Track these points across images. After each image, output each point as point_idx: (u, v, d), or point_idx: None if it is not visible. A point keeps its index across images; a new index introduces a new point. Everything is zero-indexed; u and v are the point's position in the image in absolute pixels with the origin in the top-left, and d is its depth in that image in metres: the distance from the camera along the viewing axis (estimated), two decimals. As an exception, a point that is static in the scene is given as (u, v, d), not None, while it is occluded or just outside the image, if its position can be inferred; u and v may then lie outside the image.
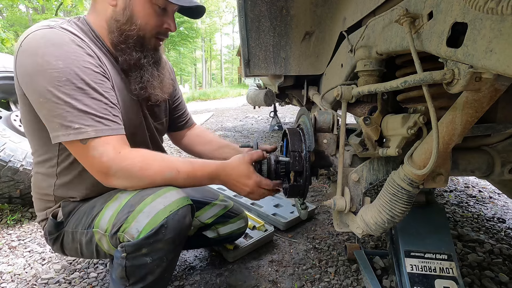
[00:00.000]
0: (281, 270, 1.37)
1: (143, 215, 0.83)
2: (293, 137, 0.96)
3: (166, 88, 1.10)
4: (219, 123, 6.07)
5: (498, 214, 1.95)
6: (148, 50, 1.00)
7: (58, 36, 0.81)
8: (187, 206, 0.89)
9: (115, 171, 0.84)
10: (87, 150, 0.82)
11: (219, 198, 1.36)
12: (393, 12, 0.62)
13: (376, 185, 2.31)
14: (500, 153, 0.85)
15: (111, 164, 0.83)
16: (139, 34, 0.95)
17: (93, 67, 0.84)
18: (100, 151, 0.82)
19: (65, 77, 0.78)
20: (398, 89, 0.59)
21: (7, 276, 1.37)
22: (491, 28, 0.38)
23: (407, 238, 0.99)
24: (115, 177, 0.85)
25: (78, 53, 0.82)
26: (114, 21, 0.93)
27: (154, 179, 0.88)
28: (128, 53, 0.96)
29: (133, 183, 0.88)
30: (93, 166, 0.84)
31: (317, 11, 1.23)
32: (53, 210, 0.99)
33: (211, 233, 1.33)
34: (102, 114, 0.83)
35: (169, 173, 0.89)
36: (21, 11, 18.71)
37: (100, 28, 0.95)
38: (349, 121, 1.76)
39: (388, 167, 0.85)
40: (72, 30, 0.86)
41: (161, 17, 0.97)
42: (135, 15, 0.93)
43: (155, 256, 0.84)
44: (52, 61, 0.77)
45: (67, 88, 0.78)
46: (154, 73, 1.03)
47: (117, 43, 0.94)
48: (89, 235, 0.92)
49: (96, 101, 0.82)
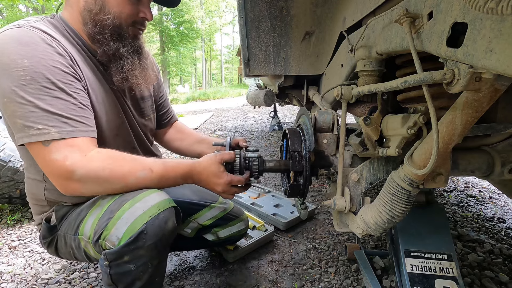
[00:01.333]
0: (281, 270, 1.37)
1: (122, 221, 0.79)
2: (293, 137, 0.96)
3: (149, 79, 1.06)
4: (219, 123, 6.07)
5: (498, 214, 1.95)
6: (127, 39, 0.96)
7: (26, 35, 0.78)
8: (169, 209, 0.85)
9: (80, 175, 0.77)
10: (49, 152, 0.76)
11: (219, 200, 1.35)
12: (393, 12, 0.62)
13: (376, 185, 2.31)
14: (500, 153, 0.85)
15: (76, 168, 0.76)
16: (115, 23, 0.92)
17: (63, 67, 0.81)
18: (63, 153, 0.76)
19: (30, 76, 0.75)
20: (398, 89, 0.59)
21: (7, 276, 1.37)
22: (491, 28, 0.38)
23: (407, 238, 0.99)
24: (81, 183, 0.78)
25: (47, 51, 0.79)
26: (87, 12, 0.90)
27: (127, 180, 0.83)
28: (106, 44, 0.92)
29: (103, 187, 0.82)
30: (53, 170, 0.77)
31: (317, 11, 1.23)
32: (47, 214, 0.98)
33: (210, 236, 1.33)
34: (69, 115, 0.79)
35: (141, 172, 0.84)
36: (21, 11, 18.71)
37: (75, 22, 0.92)
38: (349, 121, 1.76)
39: (388, 167, 0.85)
40: (43, 28, 0.83)
41: (136, 5, 0.94)
42: (108, 4, 0.90)
43: (138, 263, 0.80)
44: (17, 60, 0.74)
45: (31, 87, 0.74)
46: (135, 62, 0.99)
47: (93, 34, 0.91)
48: (77, 241, 0.91)
49: (62, 101, 0.78)
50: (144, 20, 1.00)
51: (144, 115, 1.15)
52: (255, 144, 4.04)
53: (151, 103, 1.19)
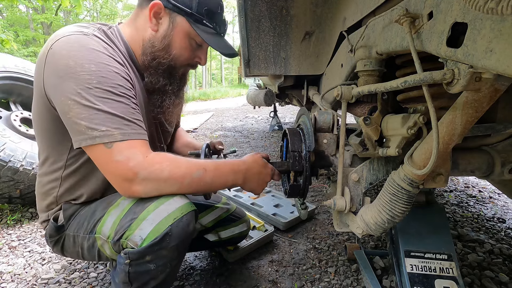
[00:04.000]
0: (281, 270, 1.37)
1: (147, 222, 0.81)
2: (293, 137, 0.96)
3: (180, 112, 1.13)
4: (219, 123, 6.07)
5: (498, 214, 1.95)
6: (175, 78, 1.03)
7: (91, 42, 0.82)
8: (191, 212, 0.87)
9: (143, 177, 0.79)
10: (112, 154, 0.77)
11: (222, 201, 1.35)
12: (393, 12, 0.62)
13: (376, 185, 2.31)
14: (500, 153, 0.85)
15: (139, 170, 0.78)
16: (171, 63, 0.98)
17: (124, 74, 0.85)
18: (126, 155, 0.78)
19: (97, 80, 0.77)
20: (398, 89, 0.59)
21: (7, 276, 1.37)
22: (491, 28, 0.38)
23: (407, 238, 0.98)
24: (142, 184, 0.80)
25: (110, 59, 0.83)
26: (150, 45, 0.95)
27: (182, 181, 0.85)
28: (156, 77, 0.98)
29: (161, 188, 0.84)
30: (116, 171, 0.79)
31: (317, 11, 1.23)
32: (55, 212, 0.98)
33: (212, 237, 1.33)
34: (130, 118, 0.81)
35: (197, 172, 0.86)
36: (21, 11, 18.70)
37: (134, 43, 0.97)
38: (349, 121, 1.76)
39: (388, 167, 0.85)
40: (103, 38, 0.87)
41: (195, 51, 1.01)
42: (172, 46, 0.96)
43: (159, 263, 0.83)
44: (85, 64, 0.77)
45: (97, 91, 0.77)
46: (175, 101, 1.06)
47: (147, 65, 0.97)
48: (91, 240, 0.91)
49: (124, 105, 0.81)
50: (198, 64, 1.06)
51: (172, 125, 1.20)
52: (255, 144, 4.04)
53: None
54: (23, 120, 2.07)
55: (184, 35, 0.96)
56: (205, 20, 0.95)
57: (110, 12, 23.94)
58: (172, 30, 0.95)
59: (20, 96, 2.20)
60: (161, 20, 0.94)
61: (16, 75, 2.09)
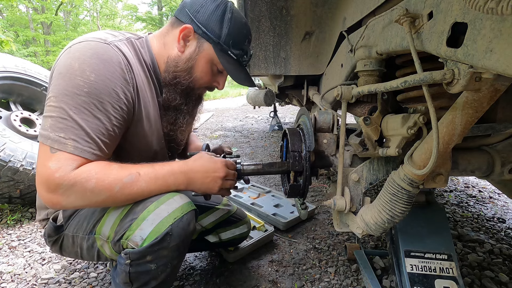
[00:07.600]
0: (281, 270, 1.37)
1: (147, 222, 0.81)
2: (293, 137, 0.96)
3: (191, 129, 1.13)
4: (219, 123, 6.06)
5: (498, 214, 1.95)
6: (191, 99, 1.04)
7: (106, 53, 0.81)
8: (192, 211, 0.88)
9: (66, 188, 0.74)
10: (49, 159, 0.74)
11: (223, 202, 1.35)
12: (393, 12, 0.62)
13: (376, 185, 2.31)
14: (500, 153, 0.85)
15: (62, 181, 0.73)
16: (190, 85, 1.00)
17: (120, 93, 0.82)
18: (59, 165, 0.74)
19: (88, 89, 0.77)
20: (398, 89, 0.59)
21: (7, 276, 1.37)
22: (491, 28, 0.38)
23: (407, 238, 0.98)
24: (64, 195, 0.75)
25: (115, 74, 0.81)
26: (174, 64, 0.96)
27: (111, 188, 0.79)
28: (173, 95, 0.99)
29: (86, 199, 0.78)
30: (42, 177, 0.75)
31: (317, 11, 1.23)
32: (54, 212, 0.98)
33: (212, 238, 1.33)
34: (95, 136, 0.78)
35: (128, 176, 0.81)
36: (21, 11, 18.70)
37: (160, 59, 0.98)
38: (349, 121, 1.76)
39: (388, 167, 0.85)
40: (124, 50, 0.86)
41: (215, 76, 1.03)
42: (195, 69, 0.97)
43: (159, 263, 0.83)
44: (86, 71, 0.77)
45: (80, 99, 0.76)
46: (189, 120, 1.08)
47: (168, 83, 0.98)
48: (91, 240, 0.92)
49: (99, 122, 0.78)
50: (215, 88, 1.07)
51: (182, 144, 1.20)
52: (255, 144, 4.04)
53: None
54: (23, 120, 2.07)
55: (207, 60, 0.97)
56: (230, 50, 0.96)
57: (110, 12, 23.92)
58: (197, 54, 0.96)
59: (20, 96, 2.20)
60: (189, 43, 0.96)
61: (16, 75, 2.09)
